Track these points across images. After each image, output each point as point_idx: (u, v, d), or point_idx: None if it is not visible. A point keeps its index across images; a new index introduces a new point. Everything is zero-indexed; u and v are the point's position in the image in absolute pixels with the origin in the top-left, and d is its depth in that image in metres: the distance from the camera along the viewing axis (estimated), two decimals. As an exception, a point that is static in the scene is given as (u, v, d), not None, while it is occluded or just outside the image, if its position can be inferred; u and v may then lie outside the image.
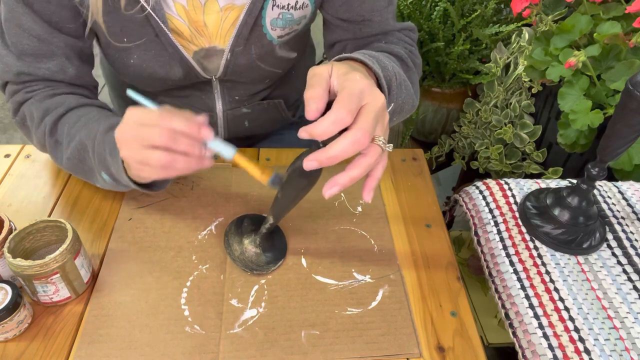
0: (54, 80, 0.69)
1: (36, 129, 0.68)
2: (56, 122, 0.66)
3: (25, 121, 0.70)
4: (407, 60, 0.72)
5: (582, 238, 0.66)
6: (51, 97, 0.68)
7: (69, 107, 0.67)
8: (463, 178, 1.34)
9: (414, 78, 0.72)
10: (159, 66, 0.73)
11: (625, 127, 0.57)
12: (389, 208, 0.75)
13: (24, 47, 0.66)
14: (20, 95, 0.69)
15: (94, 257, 0.66)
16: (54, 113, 0.66)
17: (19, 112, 0.70)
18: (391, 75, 0.60)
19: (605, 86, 0.82)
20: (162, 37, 0.70)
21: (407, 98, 0.64)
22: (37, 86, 0.69)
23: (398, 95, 0.61)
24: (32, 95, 0.68)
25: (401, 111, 0.65)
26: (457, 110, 1.22)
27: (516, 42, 0.98)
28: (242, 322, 0.60)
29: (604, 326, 0.58)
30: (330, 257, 0.67)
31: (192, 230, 0.70)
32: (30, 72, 0.68)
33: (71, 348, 0.56)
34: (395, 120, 0.66)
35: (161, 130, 0.51)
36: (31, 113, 0.68)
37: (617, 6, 0.84)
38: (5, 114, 2.07)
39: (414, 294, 0.64)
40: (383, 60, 0.61)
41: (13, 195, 0.73)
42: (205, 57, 0.75)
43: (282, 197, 0.58)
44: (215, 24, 0.72)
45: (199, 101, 0.82)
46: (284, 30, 0.75)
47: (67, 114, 0.66)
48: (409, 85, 0.66)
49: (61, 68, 0.68)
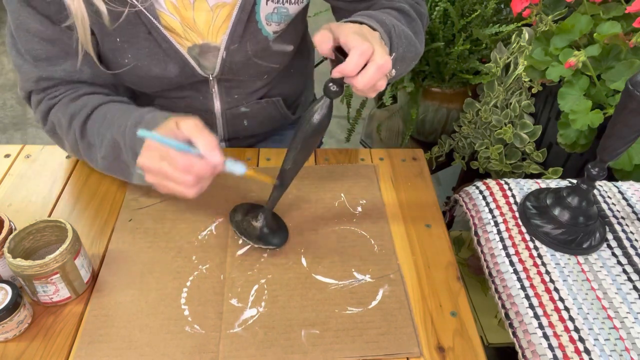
0: (72, 81, 0.70)
1: (67, 135, 0.69)
2: (84, 123, 0.67)
3: (55, 130, 0.71)
4: (410, 11, 0.74)
5: (582, 238, 0.66)
6: (74, 101, 0.69)
7: (93, 106, 0.67)
8: (463, 178, 1.34)
9: (418, 28, 0.74)
10: (154, 64, 0.73)
11: (625, 127, 0.57)
12: (389, 208, 0.75)
13: (37, 53, 0.67)
14: (44, 104, 0.70)
15: (94, 257, 0.66)
16: (80, 115, 0.67)
17: (47, 121, 0.71)
18: (390, 27, 0.65)
19: (605, 86, 0.82)
20: (155, 33, 0.70)
21: (408, 47, 0.69)
22: (58, 91, 0.70)
23: (399, 44, 0.66)
24: (56, 102, 0.69)
25: (403, 59, 0.69)
26: (457, 110, 1.22)
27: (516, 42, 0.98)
28: (242, 321, 0.60)
29: (604, 326, 0.58)
30: (330, 257, 0.67)
31: (192, 231, 0.70)
32: (48, 76, 0.68)
33: (71, 348, 0.56)
34: (399, 68, 0.69)
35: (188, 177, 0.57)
36: (59, 120, 0.69)
37: (617, 6, 0.84)
38: (5, 113, 2.07)
39: (414, 294, 0.64)
40: (379, 16, 0.65)
41: (13, 195, 0.73)
42: (200, 54, 0.75)
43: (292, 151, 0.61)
44: (206, 22, 0.72)
45: (197, 102, 0.82)
46: (279, 26, 0.75)
47: (93, 114, 0.67)
48: (409, 35, 0.70)
49: (76, 67, 0.69)
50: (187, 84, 0.79)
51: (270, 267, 0.66)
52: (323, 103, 0.58)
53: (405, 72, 0.75)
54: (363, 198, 0.76)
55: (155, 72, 0.74)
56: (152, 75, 0.74)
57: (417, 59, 0.75)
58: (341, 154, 0.84)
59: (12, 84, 2.23)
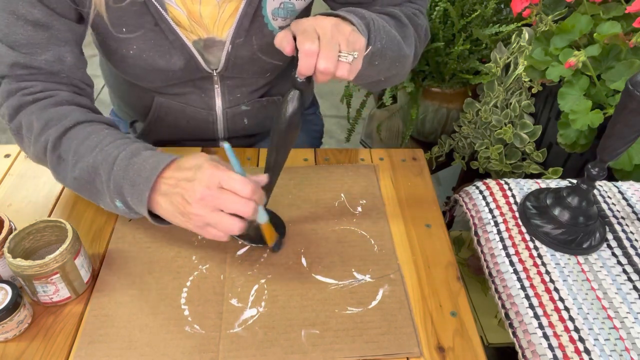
0: (51, 72, 0.65)
1: (35, 141, 0.63)
2: (61, 136, 0.62)
3: (20, 130, 0.65)
4: (401, 17, 0.73)
5: (582, 238, 0.66)
6: (53, 106, 0.64)
7: (77, 120, 0.63)
8: (463, 178, 1.34)
9: (408, 33, 0.73)
10: (159, 56, 0.72)
11: (625, 127, 0.57)
12: (389, 208, 0.75)
13: (17, 38, 0.63)
14: (16, 98, 0.64)
15: (94, 257, 0.66)
16: (59, 126, 0.62)
17: (15, 119, 0.65)
18: (368, 21, 0.64)
19: (605, 86, 0.82)
20: (162, 24, 0.69)
21: (390, 44, 0.67)
22: (35, 88, 0.64)
23: (376, 38, 0.64)
24: (31, 101, 0.64)
25: (383, 55, 0.66)
26: (457, 110, 1.22)
27: (516, 42, 0.98)
28: (242, 321, 0.60)
29: (604, 326, 0.58)
30: (330, 257, 0.67)
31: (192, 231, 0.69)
32: (26, 63, 0.63)
33: (71, 348, 0.56)
34: (378, 64, 0.67)
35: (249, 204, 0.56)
36: (30, 123, 0.63)
37: (617, 6, 0.84)
38: (5, 114, 2.07)
39: (414, 294, 0.64)
40: (360, 11, 0.65)
41: (13, 195, 0.73)
42: (205, 47, 0.75)
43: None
44: (212, 16, 0.72)
45: (199, 100, 0.82)
46: (285, 21, 0.75)
47: (73, 129, 0.62)
48: (393, 33, 0.68)
49: (58, 57, 0.65)
50: (190, 79, 0.79)
51: (270, 267, 0.66)
52: (293, 95, 0.59)
53: (388, 71, 0.71)
54: (363, 198, 0.76)
55: (160, 65, 0.73)
56: (157, 67, 0.74)
57: (403, 62, 0.72)
58: (341, 154, 0.84)
59: (12, 84, 2.22)
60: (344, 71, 0.57)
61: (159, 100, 0.82)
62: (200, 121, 0.85)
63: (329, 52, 0.55)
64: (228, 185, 0.55)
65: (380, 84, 0.76)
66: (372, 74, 0.69)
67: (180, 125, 0.86)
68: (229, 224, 0.55)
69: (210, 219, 0.55)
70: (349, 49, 0.57)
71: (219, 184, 0.55)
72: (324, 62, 0.55)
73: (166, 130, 0.87)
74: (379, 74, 0.70)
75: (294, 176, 0.79)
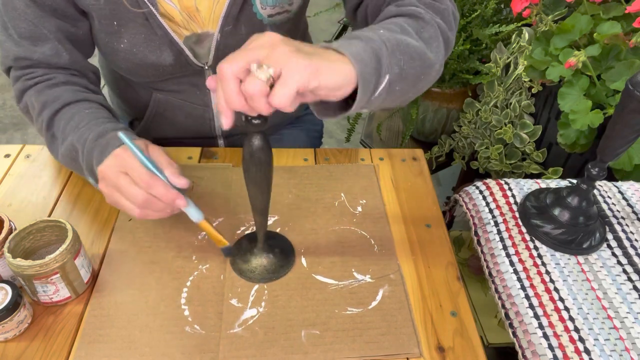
0: (50, 65, 0.71)
1: (36, 121, 0.70)
2: (52, 117, 0.68)
3: (28, 110, 0.72)
4: (423, 15, 0.63)
5: (582, 238, 0.66)
6: (50, 88, 0.70)
7: (65, 102, 0.68)
8: (463, 178, 1.34)
9: (432, 32, 0.62)
10: (149, 51, 0.73)
11: (625, 127, 0.57)
12: (389, 208, 0.75)
13: (21, 30, 0.68)
14: (21, 82, 0.71)
15: (94, 257, 0.66)
16: (51, 107, 0.68)
17: (22, 100, 0.72)
18: (379, 45, 0.53)
19: (605, 86, 0.82)
20: (151, 20, 0.70)
21: (410, 62, 0.56)
22: (36, 73, 0.71)
23: (392, 62, 0.54)
24: (32, 84, 0.70)
25: (404, 78, 0.56)
26: (457, 110, 1.22)
27: (516, 42, 0.98)
28: (242, 321, 0.60)
29: (604, 326, 0.58)
30: (330, 257, 0.67)
31: (192, 231, 0.69)
32: (27, 57, 0.69)
33: (71, 348, 0.56)
34: (399, 89, 0.56)
35: (140, 193, 0.57)
36: (32, 104, 0.70)
37: (617, 6, 0.84)
38: (5, 113, 2.07)
39: (414, 294, 0.64)
40: (366, 35, 0.55)
41: (13, 195, 0.73)
42: (196, 42, 0.75)
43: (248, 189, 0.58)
44: (208, 8, 0.72)
45: (195, 96, 0.82)
46: (273, 9, 0.74)
47: (62, 110, 0.68)
48: (413, 46, 0.57)
49: (56, 52, 0.70)
50: (184, 75, 0.79)
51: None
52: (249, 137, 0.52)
53: (413, 89, 0.60)
54: (363, 198, 0.76)
55: (150, 60, 0.74)
56: (148, 62, 0.74)
57: (428, 72, 0.60)
58: (341, 154, 0.84)
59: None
60: (251, 86, 0.44)
61: (157, 96, 0.82)
62: (198, 118, 0.85)
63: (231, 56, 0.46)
64: (130, 173, 0.57)
65: (409, 99, 0.63)
66: (396, 99, 0.58)
67: (178, 122, 0.86)
68: (125, 205, 0.58)
69: (113, 199, 0.59)
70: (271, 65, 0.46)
71: (121, 168, 0.58)
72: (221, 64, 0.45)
73: (164, 127, 0.87)
74: (403, 96, 0.59)
75: (294, 176, 0.79)
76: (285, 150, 0.84)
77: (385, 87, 0.53)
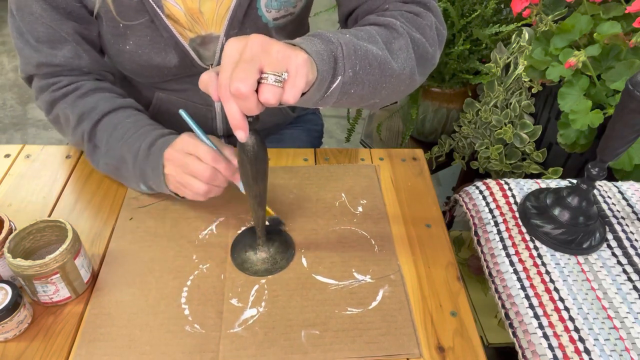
0: (72, 68, 0.72)
1: (73, 132, 0.72)
2: (93, 128, 0.71)
3: (59, 120, 0.74)
4: (397, 27, 0.64)
5: (582, 238, 0.66)
6: (82, 98, 0.72)
7: (103, 112, 0.71)
8: (463, 178, 1.34)
9: (401, 43, 0.63)
10: (154, 52, 0.73)
11: (625, 127, 0.57)
12: (389, 208, 0.75)
13: (39, 34, 0.69)
14: (48, 94, 0.72)
15: (94, 257, 0.66)
16: (90, 119, 0.71)
17: (52, 112, 0.74)
18: (335, 46, 0.55)
19: (605, 86, 0.82)
20: (157, 22, 0.70)
21: (366, 68, 0.57)
22: (62, 82, 0.72)
23: (347, 65, 0.55)
24: (61, 96, 0.72)
25: (360, 82, 0.57)
26: (457, 110, 1.22)
27: (516, 42, 0.98)
28: (242, 321, 0.60)
29: (604, 326, 0.59)
30: (330, 257, 0.67)
31: (192, 230, 0.70)
32: (49, 62, 0.71)
33: (71, 348, 0.56)
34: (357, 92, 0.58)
35: (207, 168, 0.63)
36: (66, 116, 0.72)
37: (617, 6, 0.84)
38: (5, 113, 2.07)
39: (414, 294, 0.64)
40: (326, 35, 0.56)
41: (13, 195, 0.73)
42: (201, 44, 0.76)
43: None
44: (211, 10, 0.72)
45: (197, 96, 0.82)
46: (279, 12, 0.75)
47: (102, 120, 0.71)
48: (373, 54, 0.58)
49: (75, 53, 0.72)
50: (187, 75, 0.79)
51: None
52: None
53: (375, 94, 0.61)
54: (364, 198, 0.76)
55: (156, 61, 0.74)
56: (153, 63, 0.75)
57: (393, 81, 0.61)
58: (341, 154, 0.84)
59: (12, 84, 2.22)
60: (269, 94, 0.46)
61: (160, 95, 0.83)
62: (200, 117, 0.85)
63: (239, 73, 0.46)
64: (194, 151, 0.63)
65: (376, 105, 0.65)
66: (354, 101, 0.60)
67: (180, 121, 0.86)
68: (193, 184, 0.64)
69: (180, 179, 0.64)
70: (276, 69, 0.47)
71: (187, 150, 0.64)
72: (235, 83, 0.45)
73: (166, 126, 0.87)
74: (362, 100, 0.60)
75: (294, 176, 0.79)
76: (285, 150, 0.84)
77: (338, 87, 0.55)
